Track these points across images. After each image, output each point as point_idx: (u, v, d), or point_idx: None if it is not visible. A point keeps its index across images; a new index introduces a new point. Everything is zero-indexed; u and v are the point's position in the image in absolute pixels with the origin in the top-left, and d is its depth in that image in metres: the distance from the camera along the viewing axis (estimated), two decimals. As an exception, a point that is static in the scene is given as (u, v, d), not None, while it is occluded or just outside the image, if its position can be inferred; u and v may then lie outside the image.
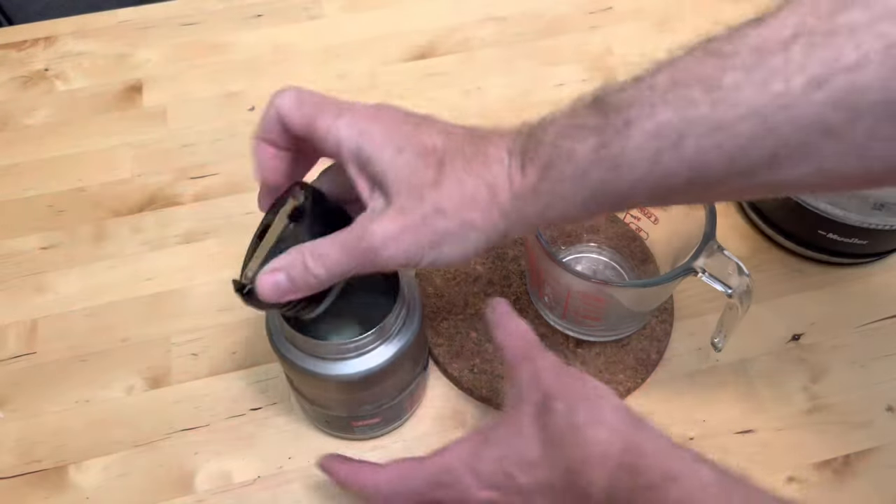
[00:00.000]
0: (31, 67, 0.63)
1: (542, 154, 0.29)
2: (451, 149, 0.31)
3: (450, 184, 0.31)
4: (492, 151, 0.31)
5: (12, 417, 0.46)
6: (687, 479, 0.29)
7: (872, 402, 0.46)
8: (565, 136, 0.29)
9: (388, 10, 0.67)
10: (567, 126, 0.29)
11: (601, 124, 0.28)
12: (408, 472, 0.35)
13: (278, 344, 0.38)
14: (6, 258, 0.52)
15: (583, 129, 0.28)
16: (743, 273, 0.39)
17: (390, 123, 0.33)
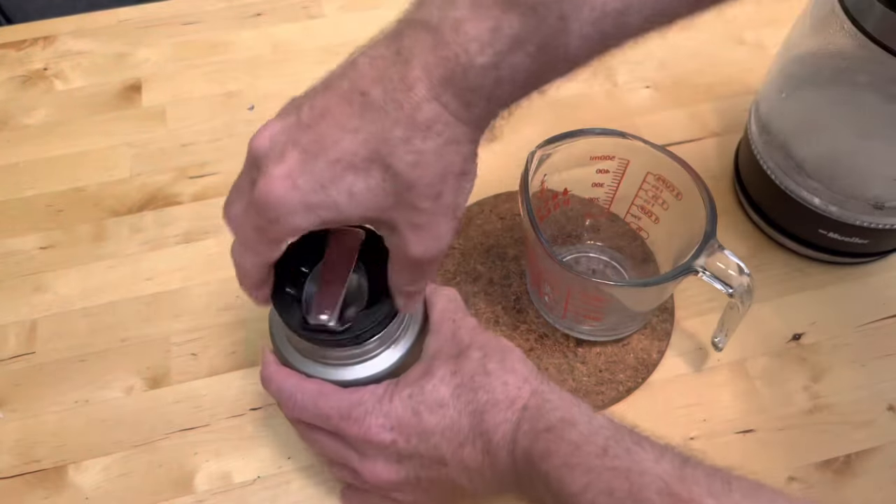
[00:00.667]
0: (31, 67, 0.63)
1: (487, 79, 0.27)
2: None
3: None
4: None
5: (12, 417, 0.46)
6: (583, 424, 0.31)
7: (873, 402, 0.46)
8: (504, 54, 0.27)
9: (387, 10, 0.66)
10: (496, 41, 0.27)
11: (533, 28, 0.26)
12: (325, 394, 0.36)
13: (282, 348, 0.38)
14: (5, 258, 0.52)
15: (516, 40, 0.27)
16: (743, 272, 0.39)
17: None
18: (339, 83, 0.29)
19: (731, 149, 0.57)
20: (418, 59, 0.27)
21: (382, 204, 0.29)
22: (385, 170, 0.28)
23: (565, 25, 0.26)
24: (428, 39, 0.27)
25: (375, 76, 0.28)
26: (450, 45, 0.27)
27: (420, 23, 0.27)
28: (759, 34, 0.65)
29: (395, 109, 0.28)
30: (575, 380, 0.46)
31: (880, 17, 0.39)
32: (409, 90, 0.27)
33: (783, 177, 0.48)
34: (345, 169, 0.28)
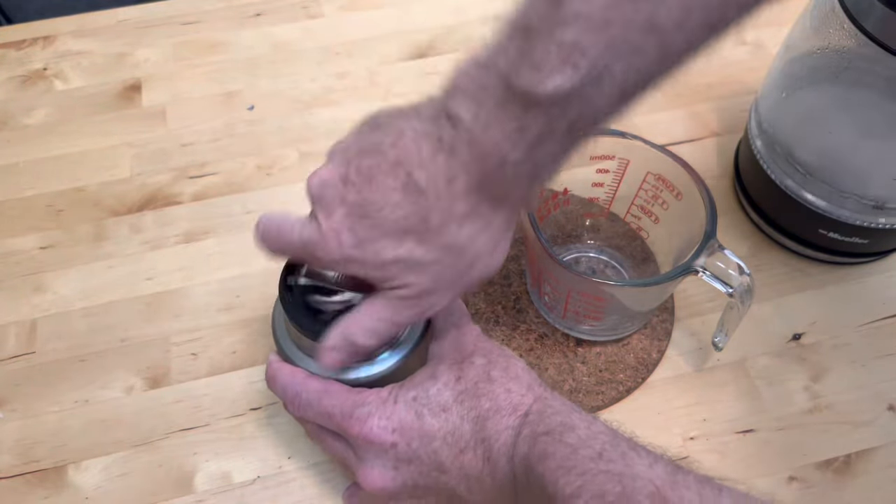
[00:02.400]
0: (30, 67, 0.63)
1: (521, 173, 0.30)
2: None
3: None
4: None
5: (11, 417, 0.46)
6: (582, 429, 0.31)
7: (873, 402, 0.46)
8: (535, 147, 0.29)
9: (387, 9, 0.67)
10: (523, 138, 0.29)
11: (559, 118, 0.28)
12: (329, 392, 0.36)
13: (285, 347, 0.38)
14: (5, 258, 0.52)
15: (544, 133, 0.28)
16: (744, 272, 0.39)
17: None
18: (385, 152, 0.31)
19: (731, 149, 0.57)
20: (458, 154, 0.30)
21: (402, 270, 0.32)
22: (418, 243, 0.31)
23: (588, 106, 0.27)
24: (463, 138, 0.29)
25: (420, 159, 0.30)
26: (483, 144, 0.29)
27: (455, 118, 0.29)
28: (759, 34, 0.65)
29: (435, 198, 0.30)
30: (575, 380, 0.46)
31: (880, 17, 0.39)
32: (450, 183, 0.30)
33: (783, 177, 0.48)
34: (381, 235, 0.31)
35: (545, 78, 0.26)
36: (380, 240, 0.31)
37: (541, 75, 0.26)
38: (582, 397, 0.45)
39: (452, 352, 0.36)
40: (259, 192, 0.55)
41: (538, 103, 0.27)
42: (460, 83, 0.30)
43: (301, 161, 0.57)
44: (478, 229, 0.31)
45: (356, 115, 0.32)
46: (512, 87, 0.27)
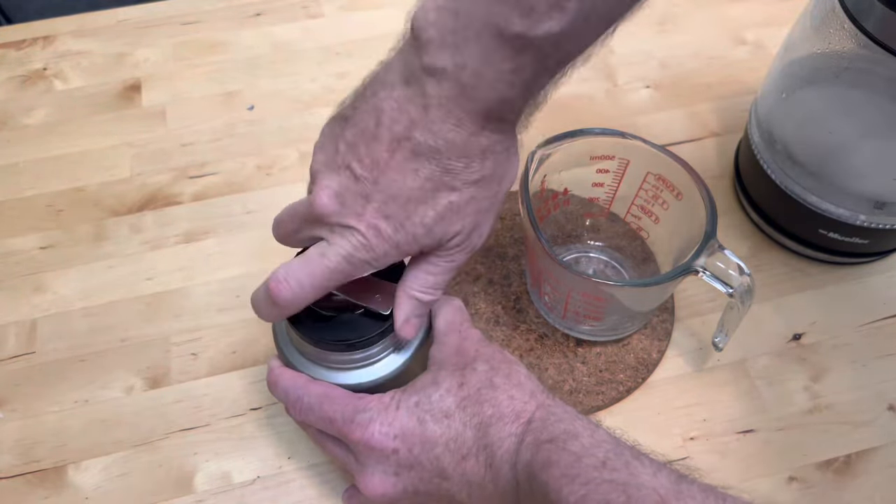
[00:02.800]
0: (30, 67, 0.63)
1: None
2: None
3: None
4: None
5: (11, 417, 0.46)
6: (586, 437, 0.31)
7: (873, 402, 0.46)
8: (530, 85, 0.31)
9: (387, 9, 0.67)
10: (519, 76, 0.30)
11: (539, 61, 0.30)
12: (330, 397, 0.36)
13: (286, 352, 0.38)
14: (5, 258, 0.52)
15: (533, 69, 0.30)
16: (744, 272, 0.39)
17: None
18: (377, 134, 0.32)
19: (731, 149, 0.57)
20: (453, 102, 0.30)
21: (447, 222, 0.33)
22: (451, 191, 0.32)
23: (578, 41, 0.30)
24: (453, 88, 0.30)
25: (413, 123, 0.31)
26: (478, 89, 0.30)
27: (436, 71, 0.30)
28: (759, 34, 0.65)
29: (448, 147, 0.31)
30: (575, 380, 0.46)
31: (880, 17, 0.39)
32: (457, 128, 0.31)
33: (783, 177, 0.48)
34: (416, 205, 0.32)
35: (537, 22, 0.28)
36: (417, 210, 0.32)
37: (532, 20, 0.28)
38: (582, 397, 0.45)
39: (454, 357, 0.36)
40: (259, 192, 0.55)
41: (531, 45, 0.28)
42: (427, 35, 0.30)
43: (301, 161, 0.57)
44: (498, 155, 0.33)
45: (356, 115, 0.32)
46: (503, 33, 0.28)
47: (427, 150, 0.31)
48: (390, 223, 0.32)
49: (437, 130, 0.31)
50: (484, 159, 0.32)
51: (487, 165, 0.33)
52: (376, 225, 0.32)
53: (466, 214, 0.34)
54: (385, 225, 0.32)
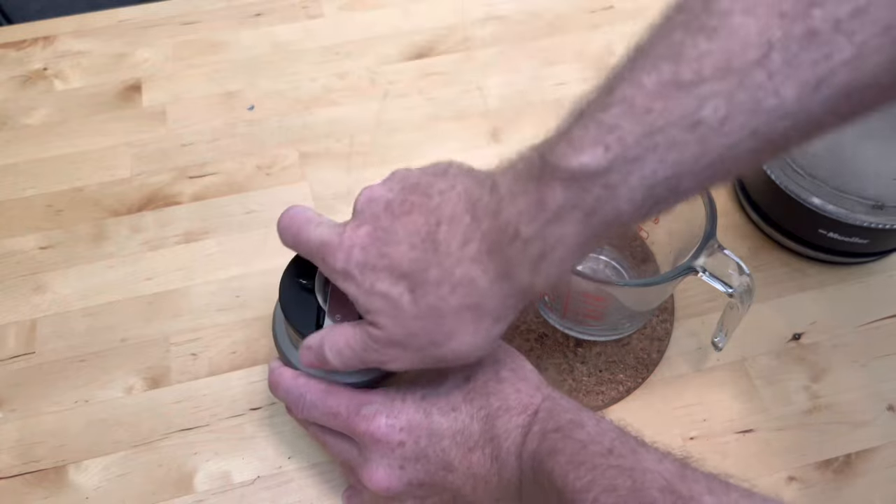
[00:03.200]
0: (30, 67, 0.63)
1: (531, 251, 0.28)
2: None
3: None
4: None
5: (11, 417, 0.46)
6: (591, 426, 0.31)
7: (873, 402, 0.46)
8: (550, 224, 0.27)
9: (387, 9, 0.67)
10: (541, 212, 0.28)
11: (577, 198, 0.27)
12: (333, 392, 0.36)
13: (286, 352, 0.38)
14: (5, 258, 0.52)
15: (561, 211, 0.27)
16: (743, 272, 0.39)
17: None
18: (432, 197, 0.32)
19: (730, 149, 0.57)
20: (482, 221, 0.30)
21: (384, 308, 0.32)
22: (409, 291, 0.31)
23: (613, 193, 0.26)
24: (493, 206, 0.29)
25: (452, 215, 0.30)
26: (504, 213, 0.29)
27: (495, 186, 0.30)
28: (758, 34, 0.65)
29: (444, 254, 0.30)
30: (575, 380, 0.46)
31: (880, 17, 0.39)
32: (463, 245, 0.30)
33: (783, 177, 0.48)
34: (384, 266, 0.31)
35: (574, 154, 0.26)
36: (381, 270, 0.31)
37: (571, 150, 0.26)
38: (582, 397, 0.45)
39: None
40: (259, 192, 0.55)
41: (561, 178, 0.26)
42: (514, 157, 0.30)
43: (301, 161, 0.57)
44: (467, 303, 0.30)
45: (356, 115, 0.32)
46: (544, 161, 0.27)
47: (432, 241, 0.31)
48: (360, 255, 0.32)
49: (452, 234, 0.30)
50: (453, 292, 0.30)
51: (451, 303, 0.31)
52: (353, 245, 0.32)
53: (401, 324, 0.32)
54: (357, 252, 0.32)
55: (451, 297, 0.30)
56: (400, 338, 0.32)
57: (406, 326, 0.31)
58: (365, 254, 0.32)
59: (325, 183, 0.56)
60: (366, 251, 0.32)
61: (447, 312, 0.31)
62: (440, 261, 0.30)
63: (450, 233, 0.30)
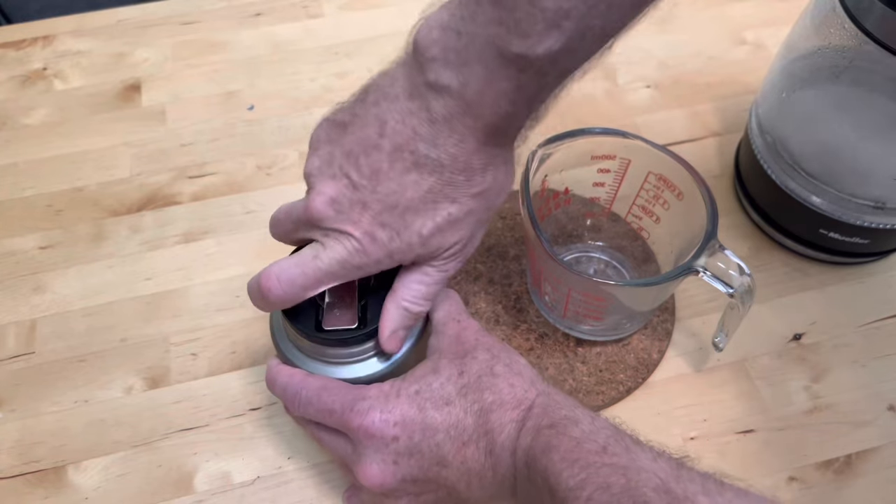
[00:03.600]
0: (30, 66, 0.63)
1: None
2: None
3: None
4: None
5: (11, 418, 0.46)
6: (586, 423, 0.32)
7: (874, 402, 0.46)
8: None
9: (387, 9, 0.67)
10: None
11: (539, 79, 0.31)
12: (328, 388, 0.36)
13: (283, 347, 0.38)
14: (4, 258, 0.52)
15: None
16: (744, 273, 0.39)
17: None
18: (378, 144, 0.32)
19: (731, 148, 0.57)
20: (458, 119, 0.31)
21: (445, 234, 0.34)
22: (451, 203, 0.33)
23: (574, 57, 0.30)
24: (458, 105, 0.31)
25: (416, 135, 0.32)
26: (480, 106, 0.31)
27: (441, 88, 0.31)
28: (759, 34, 0.65)
29: (451, 161, 0.32)
30: (575, 379, 0.46)
31: (880, 16, 0.39)
32: (461, 143, 0.32)
33: (783, 177, 0.48)
34: (414, 216, 0.33)
35: (536, 42, 0.28)
36: (415, 220, 0.33)
37: (531, 40, 0.28)
38: (582, 397, 0.45)
39: (454, 346, 0.36)
40: (259, 192, 0.55)
41: (531, 64, 0.29)
42: (431, 53, 0.31)
43: (301, 161, 0.57)
44: (496, 168, 0.34)
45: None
46: (505, 54, 0.29)
47: (430, 163, 0.32)
48: (387, 231, 0.33)
49: (441, 144, 0.32)
50: (485, 173, 0.33)
51: (488, 178, 0.34)
52: (372, 232, 0.33)
53: (464, 226, 0.34)
54: (382, 233, 0.33)
55: (486, 178, 0.34)
56: (468, 233, 0.35)
57: (468, 222, 0.35)
58: (389, 228, 0.33)
59: (325, 183, 0.56)
60: (386, 226, 0.33)
61: (491, 185, 0.34)
62: (453, 166, 0.32)
63: (436, 146, 0.32)
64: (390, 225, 0.33)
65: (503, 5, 0.28)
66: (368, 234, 0.33)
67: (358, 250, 0.33)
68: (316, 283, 0.34)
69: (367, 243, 0.33)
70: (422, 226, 0.33)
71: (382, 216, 0.33)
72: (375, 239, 0.33)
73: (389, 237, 0.33)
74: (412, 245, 0.34)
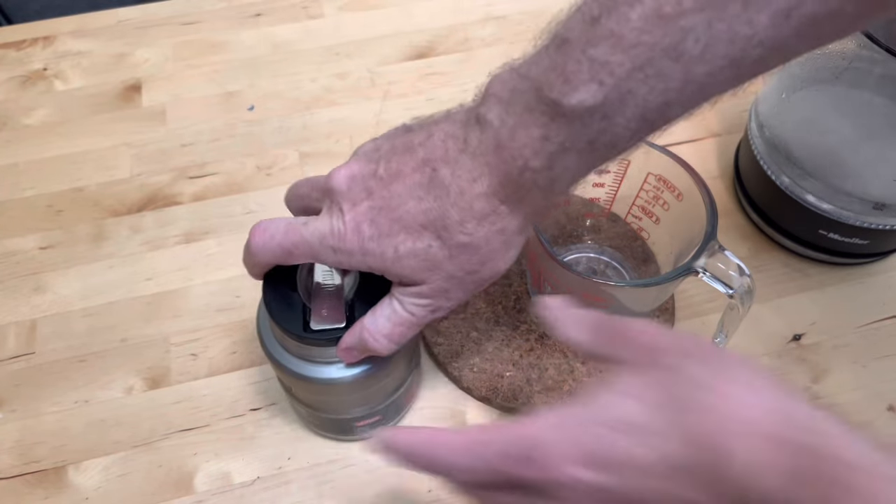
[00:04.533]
0: (30, 67, 0.63)
1: (541, 180, 0.30)
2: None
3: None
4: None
5: (11, 418, 0.46)
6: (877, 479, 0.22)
7: (873, 403, 0.46)
8: (555, 156, 0.29)
9: (387, 10, 0.67)
10: (546, 145, 0.29)
11: (579, 132, 0.29)
12: (482, 443, 0.28)
13: (270, 348, 0.38)
14: (5, 258, 0.52)
15: (565, 144, 0.29)
16: (744, 273, 0.39)
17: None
18: (415, 150, 0.32)
19: (731, 149, 0.57)
20: (483, 157, 0.31)
21: (418, 265, 0.33)
22: (435, 238, 0.32)
23: (609, 124, 0.28)
24: (490, 141, 0.30)
25: (446, 157, 0.32)
26: (508, 149, 0.30)
27: (484, 122, 0.31)
28: (759, 34, 0.65)
29: (457, 194, 0.31)
30: (575, 380, 0.46)
31: (881, 17, 0.39)
32: (473, 182, 0.31)
33: (783, 177, 0.48)
34: (400, 229, 0.32)
35: (572, 91, 0.27)
36: (399, 233, 0.32)
37: (569, 87, 0.27)
38: (582, 398, 0.45)
39: (640, 353, 0.29)
40: (259, 192, 0.55)
41: (563, 114, 0.28)
42: (494, 90, 0.31)
43: (301, 161, 0.57)
44: (494, 230, 0.32)
45: (356, 115, 0.32)
46: (542, 97, 0.28)
47: (439, 187, 0.32)
48: (371, 229, 0.32)
49: (457, 174, 0.31)
50: (479, 225, 0.32)
51: (478, 234, 0.32)
52: (360, 223, 0.33)
53: (438, 273, 0.33)
54: (366, 228, 0.33)
55: (478, 230, 0.32)
56: (441, 283, 0.33)
57: (445, 270, 0.33)
58: (375, 226, 0.32)
59: (325, 183, 0.56)
60: (375, 223, 0.32)
61: (479, 243, 0.32)
62: (455, 201, 0.31)
63: (453, 174, 0.31)
64: (378, 225, 0.32)
65: (563, 51, 0.28)
66: (355, 222, 0.33)
67: (339, 232, 0.33)
68: (291, 248, 0.34)
69: (350, 230, 0.33)
70: (402, 242, 0.32)
71: (377, 213, 0.32)
72: (359, 230, 0.32)
73: (370, 235, 0.32)
74: (385, 255, 0.33)
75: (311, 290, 0.36)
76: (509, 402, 0.45)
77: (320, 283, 0.36)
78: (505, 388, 0.45)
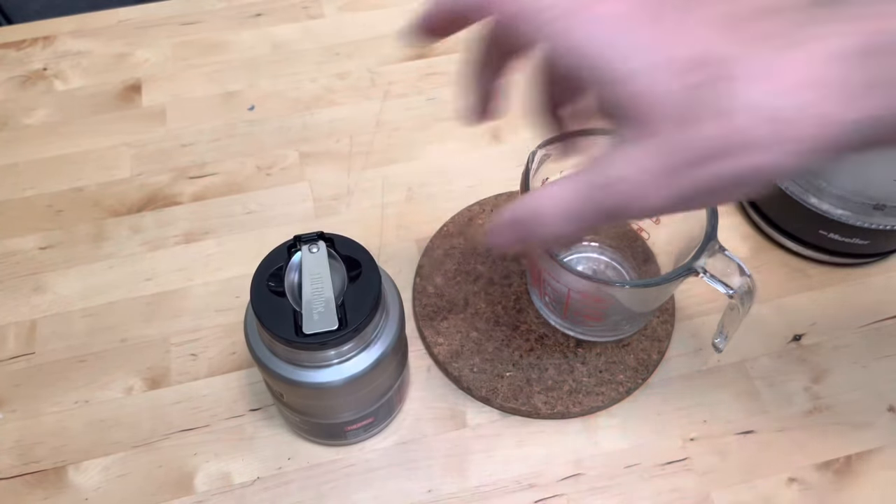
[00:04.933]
0: (30, 67, 0.63)
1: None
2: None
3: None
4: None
5: (11, 418, 0.46)
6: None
7: (874, 403, 0.46)
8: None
9: (387, 9, 0.67)
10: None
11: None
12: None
13: (257, 352, 0.37)
14: (5, 258, 0.52)
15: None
16: (744, 273, 0.39)
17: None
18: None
19: (731, 149, 0.57)
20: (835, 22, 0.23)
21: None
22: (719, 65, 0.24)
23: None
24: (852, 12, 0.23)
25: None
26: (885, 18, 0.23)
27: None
28: (759, 34, 0.65)
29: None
30: (575, 380, 0.46)
31: (881, 17, 0.39)
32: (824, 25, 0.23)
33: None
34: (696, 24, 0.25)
35: None
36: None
37: None
38: (582, 398, 0.45)
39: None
40: (259, 193, 0.55)
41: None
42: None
43: (301, 161, 0.57)
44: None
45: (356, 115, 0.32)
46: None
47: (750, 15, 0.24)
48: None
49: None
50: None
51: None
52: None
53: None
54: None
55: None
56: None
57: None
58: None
59: (325, 183, 0.56)
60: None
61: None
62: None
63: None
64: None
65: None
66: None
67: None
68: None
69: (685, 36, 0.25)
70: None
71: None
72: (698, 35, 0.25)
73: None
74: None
75: (299, 294, 0.36)
76: (509, 402, 0.45)
77: (310, 286, 0.36)
78: (505, 388, 0.45)
